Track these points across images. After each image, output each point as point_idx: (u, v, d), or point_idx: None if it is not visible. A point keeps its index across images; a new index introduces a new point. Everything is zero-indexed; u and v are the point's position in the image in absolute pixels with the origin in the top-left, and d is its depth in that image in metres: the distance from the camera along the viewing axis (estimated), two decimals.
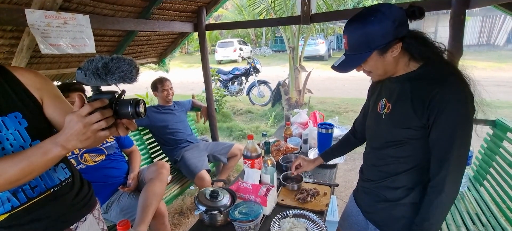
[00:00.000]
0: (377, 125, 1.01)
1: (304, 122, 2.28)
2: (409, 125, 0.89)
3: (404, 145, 0.93)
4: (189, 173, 2.21)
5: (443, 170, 0.84)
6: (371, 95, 1.12)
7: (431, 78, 0.84)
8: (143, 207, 1.63)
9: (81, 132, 0.64)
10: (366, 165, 1.14)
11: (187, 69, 14.34)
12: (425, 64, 0.88)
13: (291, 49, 5.48)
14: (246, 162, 1.43)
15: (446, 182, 0.84)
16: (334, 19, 2.29)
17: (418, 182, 0.94)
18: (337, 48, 18.36)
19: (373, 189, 1.07)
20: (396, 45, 0.83)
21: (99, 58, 0.65)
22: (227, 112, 5.76)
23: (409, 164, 0.94)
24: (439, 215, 0.88)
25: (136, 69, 0.68)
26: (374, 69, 0.90)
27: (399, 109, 0.92)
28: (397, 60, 0.88)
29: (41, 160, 0.68)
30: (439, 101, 0.80)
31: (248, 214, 1.16)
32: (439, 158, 0.85)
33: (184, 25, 2.60)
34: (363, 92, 7.25)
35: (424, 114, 0.84)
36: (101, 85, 0.67)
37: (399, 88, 0.92)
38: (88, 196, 0.99)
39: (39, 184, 0.81)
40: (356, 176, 3.06)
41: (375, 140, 1.05)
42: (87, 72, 0.65)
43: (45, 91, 0.85)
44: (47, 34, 1.43)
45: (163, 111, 2.47)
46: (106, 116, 0.65)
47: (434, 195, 0.87)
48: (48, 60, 2.01)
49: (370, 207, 1.10)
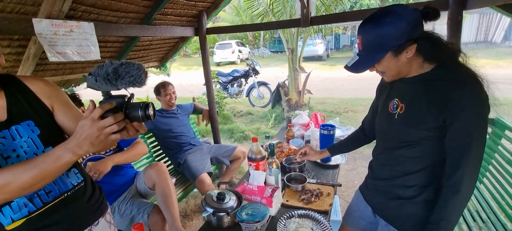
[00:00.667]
0: (390, 125, 1.01)
1: (305, 123, 2.31)
2: (423, 126, 0.89)
3: (418, 145, 0.94)
4: (191, 176, 2.24)
5: (460, 170, 0.85)
6: (380, 95, 1.12)
7: (447, 80, 0.84)
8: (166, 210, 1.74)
9: (94, 136, 0.66)
10: (377, 163, 1.14)
11: (186, 72, 14.37)
12: (439, 66, 0.88)
13: (290, 50, 5.51)
14: (251, 164, 1.46)
15: (463, 182, 0.85)
16: (333, 21, 2.32)
17: (432, 181, 0.95)
18: (335, 48, 18.45)
19: (386, 187, 1.08)
20: (411, 46, 0.84)
21: (109, 64, 0.68)
22: (228, 114, 5.78)
23: (422, 163, 0.95)
24: (456, 214, 0.89)
25: (145, 73, 0.70)
26: (388, 70, 0.91)
27: (414, 109, 0.92)
28: (411, 61, 0.89)
29: (52, 166, 0.69)
30: (457, 104, 0.81)
31: (255, 215, 1.19)
32: (456, 158, 0.86)
33: (185, 29, 2.63)
34: (362, 91, 7.32)
35: (441, 115, 0.85)
36: (111, 90, 0.69)
37: (413, 89, 0.92)
38: (100, 200, 1.01)
39: (53, 189, 0.84)
40: (357, 175, 3.11)
41: (387, 140, 1.06)
42: (98, 78, 0.67)
43: (55, 99, 0.88)
44: (54, 43, 1.46)
45: (167, 115, 2.49)
46: (118, 120, 0.67)
47: (450, 195, 0.87)
48: (53, 67, 2.04)
49: (382, 204, 1.11)
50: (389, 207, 1.08)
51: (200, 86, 8.12)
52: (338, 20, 2.37)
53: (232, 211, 1.23)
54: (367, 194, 1.22)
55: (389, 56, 0.86)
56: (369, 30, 0.85)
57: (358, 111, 5.52)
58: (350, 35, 18.88)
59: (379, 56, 0.86)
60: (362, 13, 2.31)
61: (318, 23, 2.56)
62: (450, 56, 0.89)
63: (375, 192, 1.15)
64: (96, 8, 1.78)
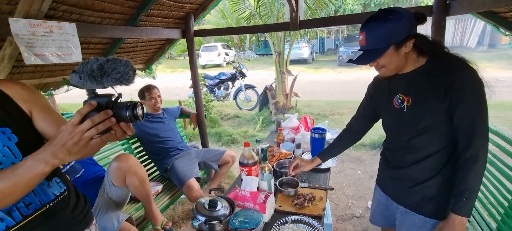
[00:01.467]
0: (400, 119, 1.09)
1: (295, 127, 2.31)
2: (433, 111, 0.99)
3: (431, 131, 1.02)
4: (179, 182, 2.17)
5: (474, 142, 0.94)
6: (376, 95, 1.21)
7: (446, 68, 0.96)
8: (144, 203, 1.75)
9: (72, 142, 0.61)
10: (392, 153, 1.21)
11: (171, 74, 14.12)
12: (432, 58, 1.00)
13: (277, 53, 5.54)
14: (243, 169, 1.43)
15: (480, 151, 0.94)
16: (321, 25, 2.35)
17: (447, 162, 1.04)
18: (320, 51, 18.77)
19: (404, 174, 1.14)
20: (410, 41, 0.95)
21: (94, 60, 0.64)
22: (215, 117, 5.71)
23: (436, 146, 1.04)
24: (478, 182, 0.97)
25: (133, 70, 0.66)
26: (388, 64, 0.99)
27: (422, 99, 1.01)
28: (407, 56, 0.99)
29: (22, 179, 0.64)
30: (460, 85, 0.92)
31: (248, 222, 1.16)
32: (468, 132, 0.95)
33: (172, 31, 2.57)
34: (347, 94, 7.47)
35: (447, 98, 0.95)
36: (96, 88, 0.65)
37: (416, 81, 1.02)
38: (85, 210, 0.95)
39: (34, 200, 0.78)
40: (345, 177, 3.15)
41: (400, 133, 1.12)
42: (82, 75, 0.63)
43: (33, 104, 0.81)
44: (32, 44, 1.37)
45: (152, 120, 2.41)
46: (98, 122, 0.62)
47: (470, 166, 0.96)
48: (30, 70, 1.92)
49: (401, 191, 1.18)
50: (409, 193, 1.14)
51: (185, 89, 7.99)
52: (326, 24, 2.40)
53: (224, 219, 1.19)
54: (384, 185, 1.29)
55: (391, 50, 0.95)
56: (375, 26, 0.95)
57: (344, 114, 5.61)
58: (334, 39, 19.29)
59: (383, 50, 0.95)
60: (349, 18, 2.35)
61: (307, 27, 2.58)
62: (441, 49, 1.02)
63: (392, 181, 1.22)
64: (78, 7, 1.69)
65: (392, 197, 1.24)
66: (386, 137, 1.24)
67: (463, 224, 1.00)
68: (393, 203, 1.23)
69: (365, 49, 0.98)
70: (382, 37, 0.93)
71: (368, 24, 0.95)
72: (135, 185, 1.68)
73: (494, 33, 13.91)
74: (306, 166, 1.51)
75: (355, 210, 2.53)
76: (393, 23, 0.92)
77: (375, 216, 1.39)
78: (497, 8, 1.52)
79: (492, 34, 14.04)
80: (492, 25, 1.78)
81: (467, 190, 0.97)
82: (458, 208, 0.99)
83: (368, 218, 1.55)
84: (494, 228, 1.54)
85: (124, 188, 1.71)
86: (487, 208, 1.68)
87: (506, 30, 1.71)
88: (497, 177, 1.63)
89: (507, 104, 5.55)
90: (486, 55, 12.11)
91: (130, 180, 1.66)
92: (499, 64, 10.17)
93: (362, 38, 0.97)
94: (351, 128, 1.40)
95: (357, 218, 2.43)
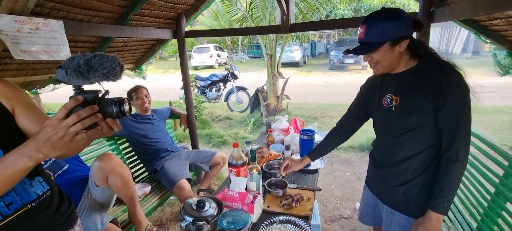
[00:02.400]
0: (388, 118, 1.13)
1: (285, 128, 2.33)
2: (420, 110, 1.03)
3: (417, 129, 1.06)
4: (169, 183, 2.15)
5: (456, 142, 0.99)
6: (368, 94, 1.25)
7: (436, 70, 1.00)
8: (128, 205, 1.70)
9: (57, 137, 0.60)
10: (379, 153, 1.25)
11: (162, 75, 13.98)
12: (424, 61, 1.05)
13: (269, 56, 5.57)
14: (232, 170, 1.44)
15: (460, 151, 0.99)
16: (311, 29, 2.38)
17: (431, 161, 1.08)
18: (311, 55, 18.98)
19: (389, 174, 1.18)
20: (405, 41, 1.00)
21: (81, 55, 0.63)
22: (206, 119, 5.69)
23: (422, 145, 1.07)
24: (457, 181, 1.01)
25: (121, 66, 0.66)
26: (382, 60, 1.04)
27: (410, 98, 1.05)
28: (400, 56, 1.04)
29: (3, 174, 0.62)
30: (446, 86, 0.97)
31: (236, 222, 1.17)
32: (451, 132, 1.00)
33: (163, 32, 2.56)
34: (338, 97, 7.57)
35: (434, 98, 0.99)
36: (83, 84, 0.64)
37: (407, 81, 1.06)
38: (69, 211, 0.93)
39: (15, 200, 0.76)
40: (334, 179, 3.19)
41: (388, 132, 1.16)
42: (68, 70, 0.62)
43: (16, 101, 0.79)
44: (18, 41, 1.34)
45: (141, 121, 2.39)
46: (84, 117, 0.62)
47: (450, 164, 1.00)
48: (14, 67, 1.87)
49: (386, 191, 1.22)
50: (394, 193, 1.18)
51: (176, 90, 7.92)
52: (316, 28, 2.43)
53: (212, 220, 1.19)
54: (371, 185, 1.33)
55: (386, 46, 1.00)
56: (376, 21, 1.00)
57: (334, 117, 5.68)
58: (326, 43, 19.56)
59: (379, 44, 1.00)
60: (339, 23, 2.40)
61: (297, 30, 2.61)
62: (433, 53, 1.07)
63: (379, 180, 1.26)
64: (65, 5, 1.66)
65: (378, 196, 1.27)
66: (375, 137, 1.29)
67: (439, 221, 1.03)
68: (380, 203, 1.26)
69: (363, 42, 1.03)
70: (381, 32, 0.98)
71: (370, 19, 1.01)
72: (118, 186, 1.63)
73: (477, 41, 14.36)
74: (296, 165, 1.54)
75: (343, 211, 2.57)
76: (392, 21, 0.97)
77: (363, 215, 1.42)
78: (477, 16, 1.59)
79: (476, 41, 14.54)
80: (474, 33, 1.85)
81: (446, 188, 1.01)
82: (435, 205, 1.03)
83: (356, 218, 1.59)
84: (474, 228, 1.60)
85: (107, 188, 1.66)
86: (468, 208, 1.73)
87: (486, 38, 1.78)
88: (477, 178, 1.69)
89: (488, 109, 5.74)
90: (470, 62, 12.52)
91: (113, 180, 1.61)
92: (482, 71, 10.53)
93: (362, 31, 1.02)
94: (340, 126, 1.44)
95: (345, 219, 2.46)
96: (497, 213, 1.46)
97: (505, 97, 6.99)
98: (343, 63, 13.08)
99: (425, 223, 1.05)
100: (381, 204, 1.25)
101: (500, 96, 7.12)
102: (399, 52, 1.02)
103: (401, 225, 1.16)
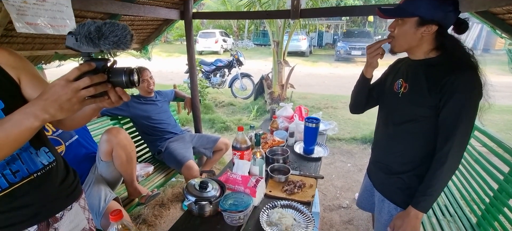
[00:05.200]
0: (394, 102, 1.13)
1: (289, 116, 2.32)
2: (423, 104, 1.00)
3: (417, 122, 1.05)
4: (176, 163, 2.16)
5: (448, 144, 0.96)
6: (389, 74, 1.22)
7: (447, 66, 0.95)
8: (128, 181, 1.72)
9: (66, 98, 0.59)
10: (379, 142, 1.26)
11: (166, 59, 13.91)
12: (443, 54, 0.99)
13: (276, 43, 5.49)
14: (236, 153, 1.44)
15: (449, 155, 0.96)
16: (322, 15, 2.33)
17: (425, 156, 1.05)
18: (318, 45, 18.72)
19: (385, 163, 1.19)
20: (433, 27, 0.94)
21: (91, 22, 0.62)
22: (209, 104, 5.69)
23: (419, 140, 1.06)
24: (441, 183, 1.00)
25: (131, 35, 0.65)
26: (402, 35, 1.00)
27: (416, 89, 1.03)
28: (422, 42, 0.99)
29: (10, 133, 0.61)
30: (451, 86, 0.93)
31: (238, 204, 1.17)
32: (445, 133, 0.97)
33: (170, 12, 2.51)
34: (342, 89, 7.50)
35: (438, 95, 0.96)
36: (93, 51, 0.63)
37: (417, 71, 1.03)
38: (74, 183, 0.95)
39: (21, 168, 0.77)
40: (335, 170, 3.20)
41: (390, 117, 1.16)
42: (78, 37, 0.61)
43: (22, 71, 0.79)
44: (23, 12, 1.32)
45: (144, 102, 2.38)
46: (96, 81, 0.61)
47: (438, 166, 0.99)
48: (20, 41, 1.86)
49: (380, 179, 1.24)
50: (386, 182, 1.20)
51: (180, 74, 7.89)
52: (327, 14, 2.38)
53: (214, 200, 1.20)
54: (370, 172, 1.35)
55: (413, 21, 0.95)
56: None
57: (337, 108, 5.65)
58: (333, 33, 19.23)
59: (409, 14, 0.95)
60: (350, 10, 2.33)
61: (308, 16, 2.55)
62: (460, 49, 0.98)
63: (375, 168, 1.28)
64: None
65: (374, 184, 1.30)
66: (377, 123, 1.29)
67: (418, 218, 1.05)
68: (375, 190, 1.29)
69: (398, 7, 0.98)
70: (419, 4, 0.93)
71: None
72: (122, 159, 1.66)
73: (488, 38, 14.07)
74: None
75: (342, 201, 2.59)
76: (436, 2, 0.92)
77: (361, 200, 1.46)
78: (497, 7, 1.53)
79: (487, 39, 14.21)
80: (489, 26, 1.79)
81: (429, 188, 1.01)
82: (416, 201, 1.04)
83: (355, 208, 1.61)
84: (474, 223, 1.60)
85: (111, 163, 1.69)
86: (469, 204, 1.73)
87: (502, 32, 1.73)
88: (481, 175, 1.68)
89: (495, 108, 5.66)
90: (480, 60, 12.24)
91: (117, 153, 1.64)
92: (491, 69, 10.31)
93: None
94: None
95: (344, 208, 2.49)
96: (499, 209, 1.46)
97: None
98: (350, 55, 12.89)
99: (403, 217, 1.07)
100: (376, 192, 1.28)
101: (508, 95, 7.02)
102: (422, 35, 0.97)
103: (389, 213, 1.19)
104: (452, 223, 1.63)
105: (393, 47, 1.06)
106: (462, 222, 1.62)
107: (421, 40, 0.99)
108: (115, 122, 2.41)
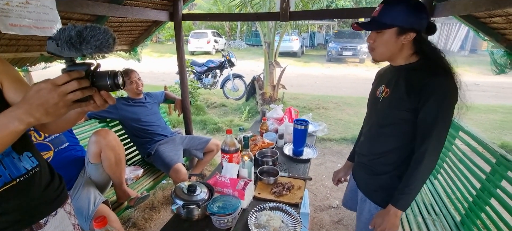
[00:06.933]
0: (375, 107, 1.18)
1: (279, 117, 2.33)
2: (402, 107, 1.04)
3: (397, 125, 1.08)
4: (164, 166, 2.15)
5: (424, 145, 1.00)
6: (375, 81, 1.27)
7: (426, 70, 0.99)
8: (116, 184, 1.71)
9: (53, 102, 0.58)
10: (362, 142, 1.29)
11: (158, 59, 13.77)
12: (423, 59, 1.04)
13: (267, 44, 5.51)
14: (225, 156, 1.44)
15: (426, 155, 1.00)
16: (311, 18, 2.35)
17: (406, 157, 1.10)
18: (310, 45, 18.84)
19: (367, 163, 1.23)
20: (411, 34, 0.99)
21: (72, 27, 0.61)
22: (201, 105, 5.66)
23: (399, 142, 1.10)
24: (418, 182, 1.05)
25: (113, 38, 0.64)
26: (383, 45, 1.04)
27: (396, 93, 1.06)
28: (402, 49, 1.04)
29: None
30: (428, 89, 0.96)
31: (226, 207, 1.17)
32: (422, 135, 1.01)
33: (159, 13, 2.50)
34: (333, 89, 7.58)
35: (416, 98, 0.99)
36: (75, 56, 0.63)
37: (398, 76, 1.07)
38: (60, 189, 0.93)
39: (3, 173, 0.75)
40: (326, 170, 3.23)
41: (372, 121, 1.21)
42: (59, 42, 0.60)
43: (4, 75, 0.78)
44: (6, 14, 1.29)
45: (134, 104, 2.36)
46: (83, 86, 0.61)
47: (415, 165, 1.03)
48: (4, 43, 1.81)
49: (362, 179, 1.28)
50: (368, 182, 1.24)
51: (172, 74, 7.82)
52: (316, 17, 2.40)
53: (203, 204, 1.20)
54: (354, 172, 1.39)
55: (393, 31, 0.99)
56: (396, 3, 0.98)
57: (328, 108, 5.71)
58: (325, 34, 19.39)
59: (388, 26, 0.99)
60: (338, 12, 2.37)
61: (297, 18, 2.57)
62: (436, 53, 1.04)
63: (359, 168, 1.32)
64: None
65: (357, 184, 1.34)
66: (362, 126, 1.34)
67: (397, 216, 1.09)
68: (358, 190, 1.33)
69: (374, 20, 1.02)
70: (395, 15, 0.97)
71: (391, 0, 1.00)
72: (111, 161, 1.64)
73: (476, 39, 14.42)
74: (345, 172, 1.57)
75: (332, 201, 2.62)
76: (410, 9, 0.96)
77: (346, 199, 1.52)
78: (478, 12, 1.58)
79: (474, 40, 14.56)
80: (473, 30, 1.84)
81: (407, 187, 1.06)
82: (395, 200, 1.08)
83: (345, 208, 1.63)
84: (458, 221, 1.64)
85: (99, 165, 1.67)
86: (453, 202, 1.78)
87: (485, 35, 1.78)
88: (464, 174, 1.73)
89: (481, 108, 5.83)
90: (467, 60, 12.59)
91: (106, 155, 1.62)
92: (478, 69, 10.62)
93: (378, 9, 1.02)
94: None
95: (334, 208, 2.51)
96: (481, 208, 1.50)
97: (499, 97, 7.09)
98: (341, 55, 13.02)
99: (383, 215, 1.11)
100: (359, 191, 1.32)
101: (493, 95, 7.23)
102: (402, 43, 1.01)
103: (370, 212, 1.23)
104: (437, 221, 1.67)
105: (374, 57, 1.10)
106: (447, 221, 1.67)
107: (401, 48, 1.03)
108: (104, 125, 2.37)
